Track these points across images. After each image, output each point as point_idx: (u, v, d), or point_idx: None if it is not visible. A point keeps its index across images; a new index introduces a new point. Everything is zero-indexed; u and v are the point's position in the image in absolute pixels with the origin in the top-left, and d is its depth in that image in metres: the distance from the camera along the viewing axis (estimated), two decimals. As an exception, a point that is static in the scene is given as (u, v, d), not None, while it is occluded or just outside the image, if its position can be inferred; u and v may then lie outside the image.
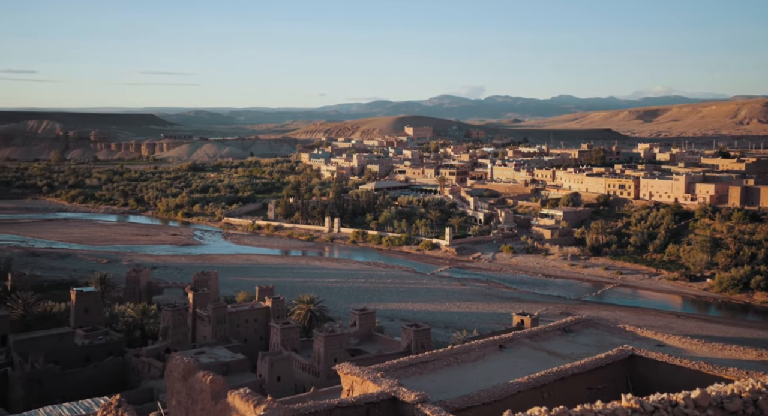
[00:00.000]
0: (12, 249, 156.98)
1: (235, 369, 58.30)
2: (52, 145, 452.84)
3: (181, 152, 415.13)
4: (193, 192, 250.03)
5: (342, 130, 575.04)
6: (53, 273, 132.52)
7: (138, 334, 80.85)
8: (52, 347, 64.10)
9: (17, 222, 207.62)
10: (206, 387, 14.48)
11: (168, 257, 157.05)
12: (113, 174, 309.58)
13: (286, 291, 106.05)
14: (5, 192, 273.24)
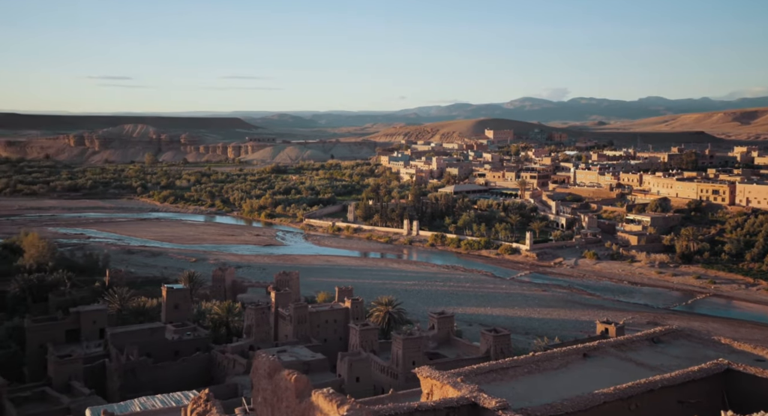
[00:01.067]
0: (110, 246, 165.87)
1: (315, 368, 59.36)
2: (146, 147, 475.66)
3: (264, 155, 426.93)
4: (276, 193, 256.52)
5: (421, 133, 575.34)
6: (146, 270, 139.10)
7: (223, 331, 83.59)
8: (145, 341, 67.28)
9: (114, 221, 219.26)
10: (291, 385, 14.87)
11: (252, 257, 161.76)
12: (201, 175, 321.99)
13: (365, 292, 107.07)
14: (104, 192, 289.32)
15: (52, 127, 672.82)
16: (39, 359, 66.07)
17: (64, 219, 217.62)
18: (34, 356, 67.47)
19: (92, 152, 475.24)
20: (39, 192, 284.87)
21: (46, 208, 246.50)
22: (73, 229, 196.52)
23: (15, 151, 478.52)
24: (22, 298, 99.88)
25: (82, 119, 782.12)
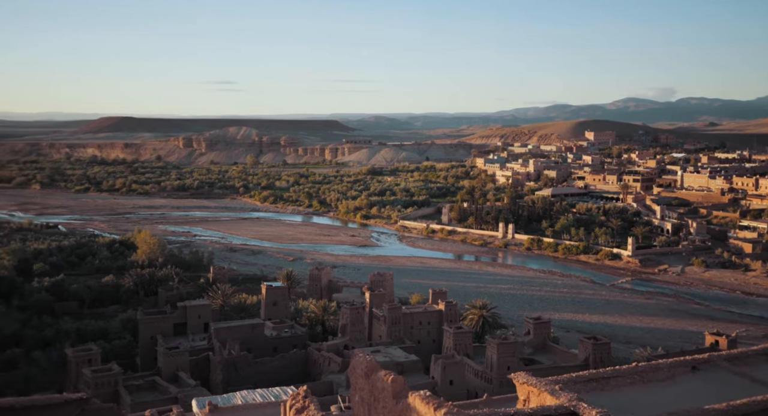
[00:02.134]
0: (214, 244, 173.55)
1: (409, 369, 59.57)
2: (248, 149, 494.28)
3: (361, 156, 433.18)
4: (372, 195, 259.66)
5: (518, 135, 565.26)
6: (247, 267, 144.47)
7: (319, 329, 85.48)
8: (246, 336, 69.90)
9: (218, 219, 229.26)
10: (388, 386, 15.00)
11: (347, 257, 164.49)
12: (300, 177, 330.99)
13: (459, 295, 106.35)
14: (209, 192, 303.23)
15: (164, 130, 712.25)
16: (150, 350, 70.07)
17: (172, 218, 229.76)
18: (145, 347, 71.64)
19: (199, 154, 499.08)
20: (151, 191, 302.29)
21: (156, 206, 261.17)
22: (180, 227, 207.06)
23: (130, 152, 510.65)
24: (135, 292, 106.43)
25: (191, 122, 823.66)
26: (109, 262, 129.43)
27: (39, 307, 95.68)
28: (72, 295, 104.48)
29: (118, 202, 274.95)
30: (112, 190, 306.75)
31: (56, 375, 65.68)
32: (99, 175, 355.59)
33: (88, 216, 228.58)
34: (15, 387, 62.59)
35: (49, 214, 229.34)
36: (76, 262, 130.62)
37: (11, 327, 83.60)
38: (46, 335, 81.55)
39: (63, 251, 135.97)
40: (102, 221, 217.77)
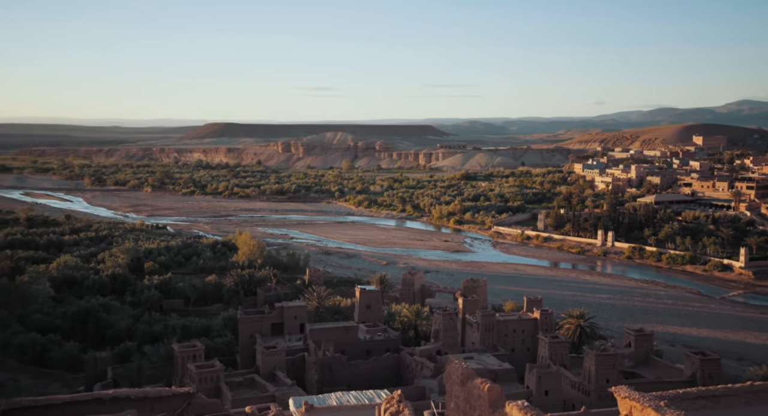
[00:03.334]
0: (310, 247, 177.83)
1: (502, 377, 58.61)
2: (344, 154, 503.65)
3: (455, 161, 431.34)
4: (465, 200, 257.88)
5: (619, 140, 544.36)
6: (341, 270, 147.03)
7: (411, 334, 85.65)
8: (340, 338, 71.13)
9: (314, 223, 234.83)
10: (484, 394, 14.84)
11: (440, 262, 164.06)
12: (394, 181, 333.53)
13: (555, 304, 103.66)
14: (306, 196, 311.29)
15: (264, 135, 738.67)
16: (249, 348, 72.66)
17: (271, 221, 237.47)
18: (245, 345, 74.34)
19: (297, 158, 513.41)
20: (251, 195, 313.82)
21: (256, 209, 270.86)
22: (278, 230, 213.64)
23: (233, 157, 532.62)
24: (235, 291, 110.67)
25: (290, 128, 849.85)
26: (212, 262, 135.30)
27: (149, 304, 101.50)
28: (178, 293, 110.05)
29: (220, 204, 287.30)
30: (215, 193, 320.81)
31: (164, 369, 69.37)
32: (204, 178, 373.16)
33: (193, 218, 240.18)
34: (128, 378, 66.61)
35: (159, 216, 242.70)
36: (182, 262, 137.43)
37: (125, 322, 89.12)
38: (155, 330, 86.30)
39: (171, 251, 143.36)
40: (206, 223, 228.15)
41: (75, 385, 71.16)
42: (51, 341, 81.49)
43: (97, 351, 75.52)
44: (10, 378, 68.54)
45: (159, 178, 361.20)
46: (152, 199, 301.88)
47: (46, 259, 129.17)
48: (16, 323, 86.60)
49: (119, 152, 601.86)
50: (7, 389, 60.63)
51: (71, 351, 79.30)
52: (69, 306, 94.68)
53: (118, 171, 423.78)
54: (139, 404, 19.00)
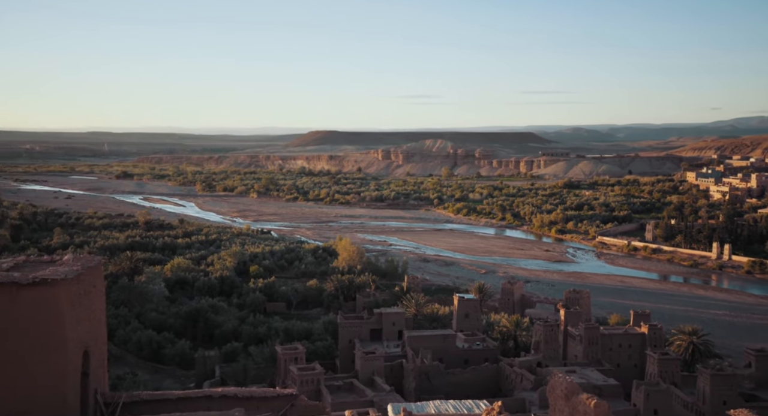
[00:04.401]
0: (408, 254, 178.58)
1: (607, 394, 56.27)
2: (443, 161, 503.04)
3: (557, 169, 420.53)
4: (568, 209, 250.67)
5: (738, 147, 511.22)
6: (439, 278, 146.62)
7: (511, 344, 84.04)
8: (438, 346, 70.80)
9: (413, 230, 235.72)
10: (590, 410, 14.30)
11: (540, 272, 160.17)
12: (493, 189, 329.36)
13: (664, 318, 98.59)
14: (405, 203, 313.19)
15: (365, 143, 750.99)
16: (348, 353, 73.77)
17: (370, 227, 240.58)
18: (344, 350, 75.54)
19: (396, 165, 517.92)
20: (351, 201, 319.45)
21: (356, 216, 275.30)
22: (377, 236, 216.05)
23: (334, 164, 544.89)
24: (335, 296, 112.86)
25: (389, 135, 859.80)
26: (313, 267, 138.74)
27: (254, 306, 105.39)
28: (281, 296, 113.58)
29: (322, 210, 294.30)
30: (317, 200, 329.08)
31: (268, 370, 71.74)
32: (306, 185, 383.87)
33: (296, 224, 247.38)
34: (234, 377, 69.41)
35: (264, 221, 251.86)
36: (285, 266, 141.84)
37: (231, 323, 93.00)
38: (259, 332, 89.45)
39: (274, 255, 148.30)
40: (308, 228, 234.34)
41: (186, 381, 74.96)
42: (165, 339, 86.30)
43: (206, 350, 79.19)
44: (129, 373, 73.10)
45: (264, 185, 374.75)
46: (258, 205, 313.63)
47: (161, 261, 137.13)
48: (135, 320, 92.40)
49: (228, 159, 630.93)
50: (127, 382, 64.71)
51: (183, 349, 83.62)
52: (181, 306, 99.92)
53: (227, 177, 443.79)
54: (245, 403, 19.68)
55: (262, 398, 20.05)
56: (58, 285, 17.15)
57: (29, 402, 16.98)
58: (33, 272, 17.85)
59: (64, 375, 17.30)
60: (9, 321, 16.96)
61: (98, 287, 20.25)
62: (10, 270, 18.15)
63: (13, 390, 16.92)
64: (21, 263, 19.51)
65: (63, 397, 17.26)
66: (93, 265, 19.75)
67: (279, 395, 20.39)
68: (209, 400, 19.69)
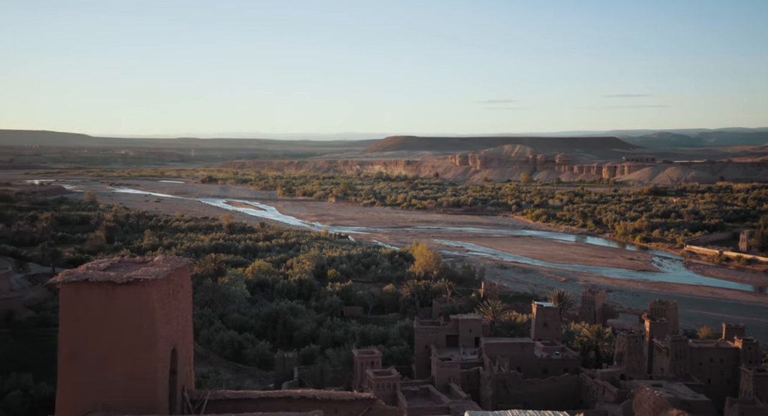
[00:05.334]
0: (485, 260, 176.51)
1: (697, 410, 53.64)
2: (522, 167, 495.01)
3: (642, 175, 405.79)
4: (653, 216, 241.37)
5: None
6: (517, 285, 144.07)
7: (592, 355, 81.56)
8: (516, 354, 69.57)
9: (490, 236, 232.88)
10: (681, 428, 13.62)
11: (623, 281, 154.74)
12: (574, 195, 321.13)
13: (761, 333, 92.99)
14: (482, 209, 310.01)
15: (442, 148, 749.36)
16: (424, 358, 73.60)
17: (447, 233, 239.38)
18: (420, 355, 75.42)
19: (474, 171, 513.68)
20: (428, 207, 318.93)
21: (433, 221, 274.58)
22: (454, 242, 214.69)
23: (411, 169, 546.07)
24: (411, 302, 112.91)
25: (467, 140, 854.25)
26: (389, 272, 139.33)
27: (331, 309, 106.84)
28: (358, 300, 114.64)
29: (398, 215, 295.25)
30: (394, 205, 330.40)
31: (344, 372, 72.50)
32: (383, 190, 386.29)
33: (373, 228, 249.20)
34: (312, 379, 70.54)
35: (341, 225, 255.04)
36: (361, 270, 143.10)
37: (309, 325, 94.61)
38: (336, 335, 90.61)
39: (351, 259, 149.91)
40: (384, 233, 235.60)
41: (265, 381, 76.77)
42: (246, 339, 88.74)
43: (285, 351, 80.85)
44: (212, 371, 75.54)
45: (342, 189, 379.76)
46: (336, 209, 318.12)
47: (243, 263, 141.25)
48: (218, 321, 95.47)
49: (308, 164, 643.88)
50: (210, 380, 66.91)
51: (263, 349, 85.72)
52: (261, 307, 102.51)
53: (306, 182, 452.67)
54: (324, 405, 19.88)
55: (340, 401, 20.19)
56: (150, 285, 17.88)
57: (122, 396, 17.78)
58: (127, 272, 18.70)
59: (154, 371, 18.01)
60: (105, 317, 17.83)
61: (186, 287, 20.99)
62: (106, 270, 19.09)
63: (106, 383, 17.76)
64: (116, 263, 20.48)
65: (153, 393, 17.97)
66: (181, 266, 20.50)
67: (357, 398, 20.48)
68: (289, 401, 20.01)
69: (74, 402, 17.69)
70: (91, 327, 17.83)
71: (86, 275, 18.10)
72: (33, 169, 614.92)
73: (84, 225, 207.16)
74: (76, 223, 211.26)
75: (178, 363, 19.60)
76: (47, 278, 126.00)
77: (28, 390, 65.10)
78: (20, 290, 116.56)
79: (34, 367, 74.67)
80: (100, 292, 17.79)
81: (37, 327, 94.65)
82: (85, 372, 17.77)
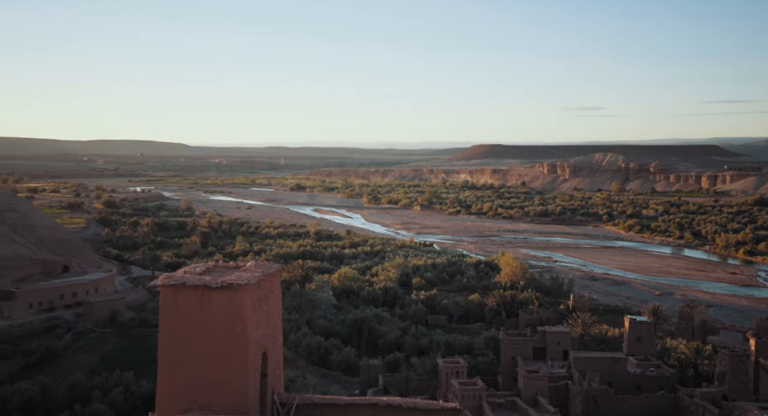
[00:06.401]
0: (574, 271, 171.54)
1: (807, 438, 49.80)
2: (613, 176, 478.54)
3: (746, 185, 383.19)
4: (759, 228, 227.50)
5: None
6: (608, 298, 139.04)
7: (690, 373, 77.42)
8: (607, 369, 67.02)
9: (579, 246, 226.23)
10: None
11: (725, 296, 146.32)
12: (670, 206, 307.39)
13: None
14: (571, 218, 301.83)
15: (529, 157, 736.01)
16: (510, 370, 72.19)
17: (534, 242, 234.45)
18: (506, 367, 74.03)
19: (562, 180, 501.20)
20: (515, 216, 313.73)
21: (519, 230, 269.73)
22: (541, 252, 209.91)
23: (498, 178, 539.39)
24: (497, 312, 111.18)
25: (556, 149, 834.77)
26: (474, 281, 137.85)
27: (416, 318, 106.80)
28: (442, 309, 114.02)
29: (484, 224, 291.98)
30: (479, 214, 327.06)
31: (429, 382, 72.17)
32: (469, 198, 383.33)
33: (458, 237, 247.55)
34: (397, 387, 70.64)
35: (426, 233, 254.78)
36: (446, 279, 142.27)
37: (394, 333, 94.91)
38: (421, 343, 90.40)
39: (436, 268, 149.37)
40: (470, 242, 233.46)
41: (351, 388, 77.57)
42: (332, 345, 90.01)
43: (370, 358, 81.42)
44: (300, 376, 77.07)
45: (428, 198, 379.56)
46: (421, 218, 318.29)
47: (329, 270, 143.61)
48: (305, 326, 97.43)
49: (393, 173, 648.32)
50: (297, 384, 68.28)
51: (348, 356, 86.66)
52: (347, 314, 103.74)
53: (392, 190, 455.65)
54: (410, 414, 19.84)
55: (426, 410, 20.09)
56: (243, 290, 18.48)
57: (216, 397, 18.43)
58: (221, 277, 19.40)
59: (245, 374, 18.57)
60: (200, 320, 18.56)
61: (276, 293, 21.54)
62: (202, 274, 19.88)
63: (201, 384, 18.46)
64: (211, 268, 21.30)
65: (245, 395, 18.53)
66: (272, 272, 21.06)
67: (442, 408, 20.31)
68: (374, 408, 20.11)
69: (173, 401, 18.48)
70: (188, 329, 18.60)
71: (184, 279, 18.92)
72: (135, 177, 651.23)
73: (181, 230, 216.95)
74: (174, 229, 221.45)
75: (268, 367, 20.11)
76: (147, 281, 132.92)
77: (130, 387, 68.51)
78: (123, 292, 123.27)
79: (135, 365, 78.81)
80: (196, 295, 18.55)
81: (138, 328, 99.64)
82: (182, 372, 18.55)
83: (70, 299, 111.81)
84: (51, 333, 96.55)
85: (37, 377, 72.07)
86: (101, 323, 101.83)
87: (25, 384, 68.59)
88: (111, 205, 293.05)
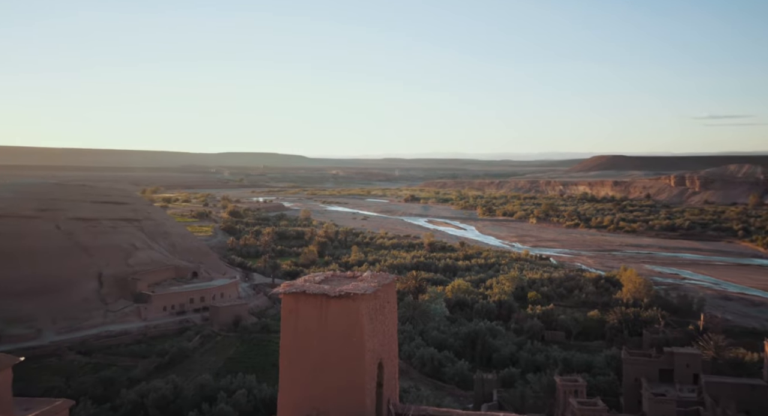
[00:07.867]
0: (705, 290, 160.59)
1: None
2: (750, 188, 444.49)
3: None
4: None
5: None
6: (745, 320, 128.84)
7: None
8: (743, 396, 61.99)
9: (711, 263, 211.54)
10: None
11: None
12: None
13: None
14: (701, 233, 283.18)
15: (654, 168, 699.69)
16: (633, 392, 68.48)
17: (659, 258, 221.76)
18: (629, 388, 70.30)
19: (691, 193, 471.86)
20: (638, 230, 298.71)
21: (643, 245, 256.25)
22: (667, 268, 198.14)
23: (619, 190, 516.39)
24: (618, 330, 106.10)
25: (684, 160, 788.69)
26: (594, 297, 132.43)
27: (531, 333, 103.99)
28: (559, 325, 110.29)
29: (605, 238, 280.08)
30: (599, 227, 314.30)
31: (545, 399, 69.90)
32: (588, 211, 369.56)
33: (576, 251, 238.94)
34: (512, 403, 69.01)
35: (542, 247, 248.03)
36: (564, 294, 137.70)
37: (509, 348, 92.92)
38: (537, 359, 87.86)
39: (553, 282, 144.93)
40: (589, 256, 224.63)
41: (464, 401, 76.63)
42: (445, 357, 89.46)
43: (484, 372, 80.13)
44: (413, 387, 77.22)
45: (544, 210, 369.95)
46: (537, 230, 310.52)
47: (443, 282, 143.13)
48: (419, 337, 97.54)
49: (508, 184, 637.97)
50: (411, 395, 68.41)
51: (462, 369, 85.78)
52: (460, 326, 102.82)
53: (507, 202, 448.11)
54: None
55: (544, 430, 19.45)
56: (360, 299, 18.75)
57: (334, 404, 18.77)
58: (339, 286, 19.79)
59: (362, 382, 18.79)
60: (319, 328, 19.01)
61: (392, 303, 21.68)
62: (321, 283, 20.37)
63: (320, 390, 18.86)
64: (329, 277, 21.79)
65: (362, 403, 18.74)
66: (388, 283, 21.22)
67: (562, 429, 19.55)
68: (491, 424, 19.69)
69: (293, 406, 19.03)
70: (307, 336, 19.10)
71: (304, 287, 19.47)
72: (258, 188, 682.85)
73: (299, 239, 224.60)
74: (293, 238, 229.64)
75: (384, 376, 20.23)
76: (268, 288, 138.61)
77: (252, 390, 71.40)
78: (246, 298, 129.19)
79: (256, 369, 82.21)
80: (315, 304, 19.03)
81: (260, 333, 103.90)
82: (302, 378, 19.06)
83: (198, 303, 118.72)
84: (182, 335, 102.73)
85: (170, 375, 76.94)
86: (226, 327, 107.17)
87: (160, 383, 73.40)
88: (236, 214, 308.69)
